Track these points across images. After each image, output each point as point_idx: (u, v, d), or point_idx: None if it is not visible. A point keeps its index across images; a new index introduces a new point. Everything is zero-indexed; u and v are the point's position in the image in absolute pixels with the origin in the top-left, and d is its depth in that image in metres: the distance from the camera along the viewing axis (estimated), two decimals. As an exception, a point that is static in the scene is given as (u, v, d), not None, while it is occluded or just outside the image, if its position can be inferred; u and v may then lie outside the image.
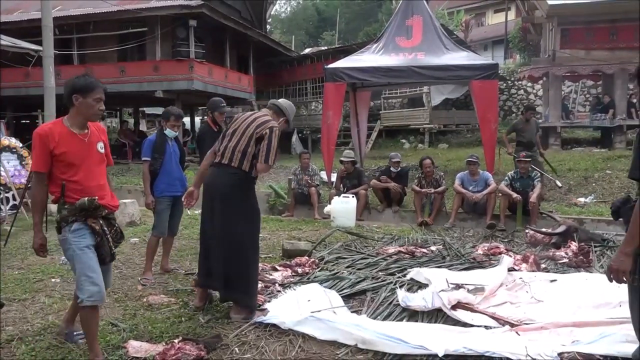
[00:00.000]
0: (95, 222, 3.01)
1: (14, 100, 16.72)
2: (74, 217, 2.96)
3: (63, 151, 2.91)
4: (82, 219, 2.97)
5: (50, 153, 2.90)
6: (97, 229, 3.00)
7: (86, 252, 2.96)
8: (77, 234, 2.97)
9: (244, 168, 3.76)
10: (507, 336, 3.41)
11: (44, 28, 9.42)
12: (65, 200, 2.97)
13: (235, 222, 3.76)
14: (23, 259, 5.60)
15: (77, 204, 2.94)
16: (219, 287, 3.86)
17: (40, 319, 3.78)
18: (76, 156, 2.96)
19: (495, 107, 9.02)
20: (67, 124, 3.00)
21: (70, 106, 3.02)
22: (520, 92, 19.08)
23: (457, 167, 10.69)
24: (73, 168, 2.96)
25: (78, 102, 2.99)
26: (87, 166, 3.00)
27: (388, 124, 18.29)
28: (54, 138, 2.91)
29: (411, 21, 9.81)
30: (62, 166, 2.94)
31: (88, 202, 2.94)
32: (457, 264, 5.31)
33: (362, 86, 10.88)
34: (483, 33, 32.25)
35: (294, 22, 45.66)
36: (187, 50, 15.43)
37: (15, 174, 8.62)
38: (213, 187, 3.85)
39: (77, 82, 3.04)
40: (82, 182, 2.98)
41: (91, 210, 2.97)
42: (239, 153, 3.75)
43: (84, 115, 3.03)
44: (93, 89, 3.03)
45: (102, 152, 3.12)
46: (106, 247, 3.05)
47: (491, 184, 7.61)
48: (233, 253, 3.77)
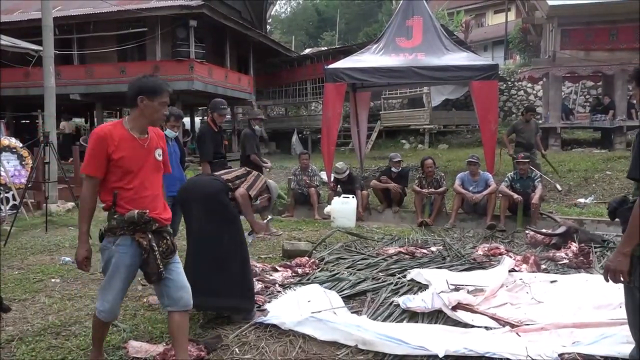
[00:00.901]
0: (144, 237, 2.71)
1: (13, 100, 16.73)
2: (122, 230, 2.70)
3: (121, 156, 2.68)
4: (130, 233, 2.71)
5: (107, 157, 2.67)
6: (145, 245, 2.71)
7: (121, 272, 2.74)
8: (122, 250, 2.72)
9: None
10: (507, 337, 3.40)
11: (44, 28, 9.42)
12: (116, 210, 2.71)
13: (211, 227, 3.68)
14: (23, 259, 5.59)
15: (127, 216, 2.68)
16: (211, 303, 3.66)
17: (40, 319, 3.78)
18: (134, 162, 2.72)
19: (495, 108, 9.01)
20: (127, 127, 2.76)
21: (132, 107, 2.79)
22: (520, 92, 19.09)
23: (457, 168, 10.69)
24: (129, 175, 2.72)
25: (143, 104, 2.76)
26: (143, 174, 2.76)
27: (388, 124, 18.30)
28: (114, 141, 2.68)
29: (411, 22, 9.81)
30: (118, 172, 2.71)
31: (138, 215, 2.68)
32: (457, 264, 5.31)
33: (362, 86, 10.87)
34: (483, 34, 32.26)
35: (294, 23, 45.70)
36: (187, 51, 15.44)
37: (15, 174, 8.62)
38: (195, 195, 3.80)
39: (145, 83, 2.81)
40: (137, 191, 2.73)
41: (141, 225, 2.70)
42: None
43: (148, 119, 2.81)
44: (161, 91, 2.81)
45: (160, 160, 2.87)
46: (153, 264, 2.73)
47: (491, 185, 7.61)
48: (217, 261, 3.66)
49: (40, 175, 8.32)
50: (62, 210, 8.86)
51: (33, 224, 7.75)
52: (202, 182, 3.99)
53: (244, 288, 3.75)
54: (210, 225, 3.68)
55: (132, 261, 2.74)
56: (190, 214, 3.80)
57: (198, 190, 3.83)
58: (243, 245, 3.86)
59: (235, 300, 3.70)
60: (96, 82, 16.14)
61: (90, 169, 2.69)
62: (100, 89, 16.22)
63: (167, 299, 2.84)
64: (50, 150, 7.67)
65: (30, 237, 6.84)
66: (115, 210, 2.71)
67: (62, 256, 5.63)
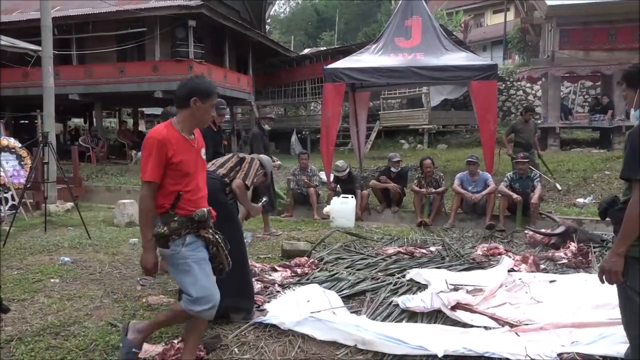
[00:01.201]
0: (208, 233, 2.79)
1: (12, 101, 16.71)
2: (187, 229, 2.71)
3: (180, 159, 2.67)
4: (195, 231, 2.75)
5: (166, 161, 2.65)
6: (212, 239, 2.79)
7: (204, 266, 2.76)
8: (193, 247, 2.74)
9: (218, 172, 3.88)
10: (506, 337, 3.41)
11: (43, 28, 9.41)
12: (176, 212, 2.71)
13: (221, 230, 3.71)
14: (22, 259, 5.58)
15: (197, 215, 2.72)
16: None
17: (39, 319, 3.77)
18: (190, 165, 2.73)
19: (494, 108, 9.02)
20: (177, 128, 2.74)
21: (183, 108, 2.76)
22: (519, 92, 19.11)
23: (456, 168, 10.70)
24: (187, 177, 2.73)
25: (196, 105, 2.73)
26: (197, 175, 2.79)
27: (387, 124, 18.30)
28: (172, 145, 2.66)
29: (410, 22, 9.82)
30: (177, 176, 2.70)
31: (208, 213, 2.76)
32: (456, 264, 5.32)
33: (361, 86, 10.87)
34: (482, 34, 32.27)
35: (293, 23, 45.69)
36: (186, 51, 15.43)
37: (14, 174, 8.62)
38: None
39: (198, 84, 2.77)
40: (194, 193, 2.76)
41: (204, 221, 2.76)
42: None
43: (198, 121, 2.80)
44: (212, 94, 2.80)
45: (205, 159, 2.92)
46: (222, 256, 2.84)
47: (490, 185, 7.62)
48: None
49: (39, 175, 8.32)
50: (61, 210, 8.86)
51: (32, 224, 7.74)
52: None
53: (243, 287, 3.75)
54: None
55: (206, 255, 2.78)
56: None
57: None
58: (241, 245, 3.86)
59: (235, 299, 3.69)
60: (95, 82, 16.13)
61: (153, 176, 2.65)
62: (99, 89, 16.21)
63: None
64: (49, 150, 7.67)
65: (29, 237, 6.83)
66: (175, 212, 2.70)
67: (61, 256, 5.63)
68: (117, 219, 7.86)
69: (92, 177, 13.26)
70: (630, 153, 2.23)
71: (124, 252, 6.01)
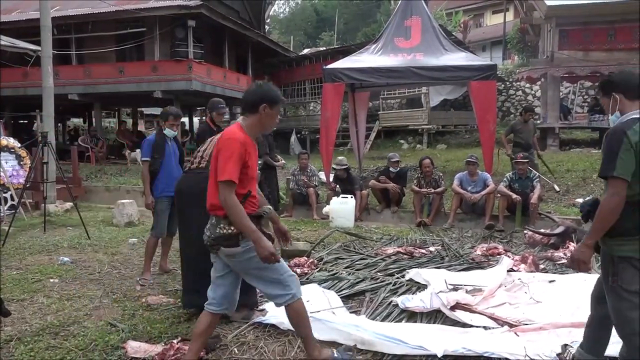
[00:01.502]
0: (267, 229, 2.94)
1: (12, 100, 16.71)
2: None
3: (250, 163, 2.77)
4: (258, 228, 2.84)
5: (243, 163, 2.72)
6: (272, 235, 2.94)
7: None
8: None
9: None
10: (506, 337, 3.41)
11: (42, 28, 9.41)
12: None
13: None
14: (21, 259, 5.59)
15: (266, 212, 2.89)
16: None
17: (38, 319, 3.78)
18: (254, 169, 2.85)
19: (494, 108, 9.02)
20: (246, 132, 2.81)
21: (251, 114, 2.82)
22: (519, 93, 19.11)
23: (456, 168, 10.70)
24: (252, 181, 2.84)
25: (265, 112, 2.80)
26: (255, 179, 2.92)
27: (387, 124, 18.30)
28: (248, 147, 2.75)
29: (410, 22, 9.82)
30: (245, 179, 2.77)
31: (270, 211, 2.93)
32: (456, 264, 5.32)
33: (361, 87, 10.87)
34: (481, 34, 32.29)
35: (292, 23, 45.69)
36: (185, 51, 15.42)
37: (13, 174, 8.61)
38: (189, 193, 3.75)
39: (267, 92, 2.84)
40: (255, 194, 2.89)
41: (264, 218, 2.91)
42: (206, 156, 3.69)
43: (264, 126, 2.89)
44: (280, 101, 2.89)
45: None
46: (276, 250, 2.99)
47: (490, 185, 7.62)
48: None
49: (39, 175, 8.32)
50: (61, 210, 8.86)
51: (31, 224, 7.74)
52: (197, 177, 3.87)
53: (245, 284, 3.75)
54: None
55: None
56: (185, 212, 3.79)
57: (194, 185, 3.70)
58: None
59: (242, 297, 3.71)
60: (94, 82, 16.12)
61: (233, 175, 2.67)
62: (98, 89, 16.20)
63: (224, 299, 2.95)
64: (48, 150, 7.67)
65: (29, 237, 6.83)
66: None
67: (60, 256, 5.63)
68: (116, 219, 7.86)
69: (91, 177, 13.25)
70: (606, 153, 2.41)
71: (123, 252, 6.01)
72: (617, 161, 2.34)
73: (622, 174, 2.33)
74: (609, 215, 2.38)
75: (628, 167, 2.33)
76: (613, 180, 2.36)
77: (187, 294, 3.85)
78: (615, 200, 2.36)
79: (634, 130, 2.35)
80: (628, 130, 2.35)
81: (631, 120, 2.41)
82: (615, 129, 2.42)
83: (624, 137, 2.35)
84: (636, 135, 2.34)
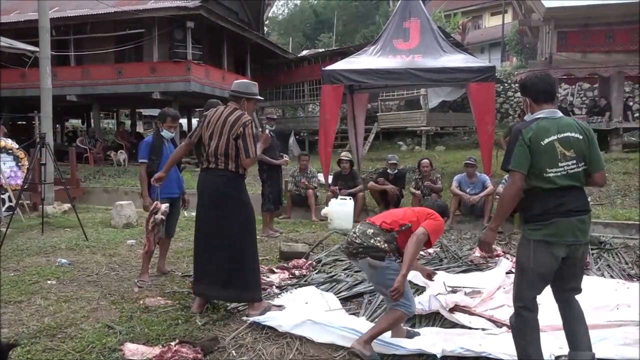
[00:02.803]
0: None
1: (10, 101, 16.68)
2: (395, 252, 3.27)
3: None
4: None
5: None
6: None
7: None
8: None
9: (230, 169, 3.87)
10: (504, 338, 3.40)
11: (40, 29, 9.40)
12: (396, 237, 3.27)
13: (229, 222, 3.85)
14: (19, 261, 5.57)
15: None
16: (217, 291, 3.93)
17: (36, 321, 3.76)
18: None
19: (492, 110, 9.02)
20: None
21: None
22: (517, 94, 19.11)
23: (454, 169, 10.70)
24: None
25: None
26: None
27: (385, 126, 18.29)
28: None
29: (408, 23, 9.82)
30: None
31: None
32: (454, 266, 5.31)
33: (360, 88, 10.87)
34: (480, 36, 32.32)
35: (291, 24, 45.65)
36: (184, 52, 15.41)
37: (11, 175, 8.59)
38: (205, 191, 3.96)
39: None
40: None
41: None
42: (221, 156, 3.85)
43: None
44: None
45: None
46: None
47: (489, 186, 7.61)
48: (229, 253, 3.85)
49: (37, 176, 8.29)
50: (59, 211, 8.83)
51: (29, 225, 7.72)
52: (213, 175, 3.97)
53: (246, 279, 3.89)
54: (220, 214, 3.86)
55: None
56: (202, 206, 3.97)
57: (210, 181, 3.94)
58: (252, 234, 4.01)
59: (247, 291, 3.87)
60: (93, 83, 16.10)
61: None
62: (97, 90, 16.18)
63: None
64: (46, 151, 7.65)
65: (26, 238, 6.81)
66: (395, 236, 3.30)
67: (58, 258, 5.61)
68: (114, 220, 7.84)
69: (89, 178, 13.24)
70: (507, 149, 2.82)
71: (121, 253, 5.99)
72: (512, 156, 2.71)
73: (516, 167, 2.69)
74: (509, 202, 2.76)
75: (521, 162, 2.68)
76: (511, 173, 2.73)
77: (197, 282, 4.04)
78: (513, 189, 2.72)
79: (529, 129, 2.69)
80: (523, 130, 2.70)
81: (532, 120, 2.75)
82: (515, 128, 2.82)
83: (520, 135, 2.70)
84: (529, 133, 2.68)
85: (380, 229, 3.26)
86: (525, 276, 2.76)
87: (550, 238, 2.66)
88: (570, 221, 2.66)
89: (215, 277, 3.86)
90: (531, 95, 2.81)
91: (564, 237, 2.67)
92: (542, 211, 2.67)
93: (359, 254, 3.22)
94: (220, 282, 3.86)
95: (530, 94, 2.81)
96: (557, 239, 2.66)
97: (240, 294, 3.89)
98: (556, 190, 2.66)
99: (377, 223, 3.30)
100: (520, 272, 2.80)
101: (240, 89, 4.03)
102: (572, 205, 2.68)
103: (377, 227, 3.27)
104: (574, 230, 2.67)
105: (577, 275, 2.90)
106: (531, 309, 2.78)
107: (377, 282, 3.31)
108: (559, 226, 2.65)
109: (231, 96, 4.06)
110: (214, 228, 3.88)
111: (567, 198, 2.67)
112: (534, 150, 2.66)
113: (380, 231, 3.24)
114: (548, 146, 2.66)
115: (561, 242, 2.67)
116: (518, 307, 2.80)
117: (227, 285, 3.85)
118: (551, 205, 2.66)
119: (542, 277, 2.74)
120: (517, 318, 2.81)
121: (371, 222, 3.37)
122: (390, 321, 3.25)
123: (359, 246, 3.22)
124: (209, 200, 3.91)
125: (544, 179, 2.67)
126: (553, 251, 2.67)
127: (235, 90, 4.04)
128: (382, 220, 3.32)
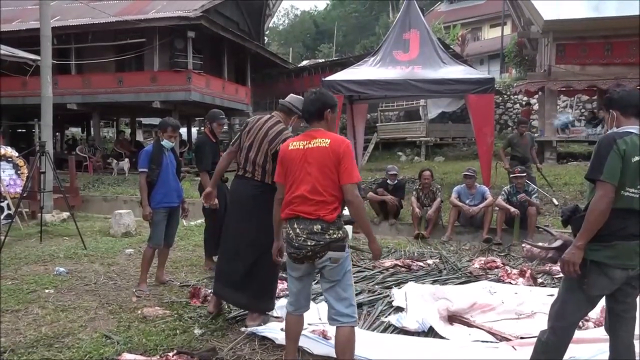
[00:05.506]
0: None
1: (10, 110, 16.71)
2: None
3: None
4: None
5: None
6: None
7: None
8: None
9: (266, 181, 3.82)
10: (503, 350, 3.39)
11: (42, 38, 9.44)
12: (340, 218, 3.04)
13: (256, 233, 3.81)
14: (16, 269, 5.55)
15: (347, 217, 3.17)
16: (230, 293, 3.94)
17: (33, 331, 3.74)
18: None
19: (492, 121, 9.07)
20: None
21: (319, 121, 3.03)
22: (516, 106, 19.19)
23: (454, 180, 10.70)
24: None
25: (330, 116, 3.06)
26: None
27: (385, 136, 18.34)
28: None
29: (408, 35, 9.89)
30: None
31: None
32: (453, 277, 5.30)
33: (359, 99, 10.92)
34: (479, 47, 32.51)
35: (291, 35, 45.95)
36: (184, 62, 15.49)
37: (10, 183, 8.58)
38: (238, 199, 3.97)
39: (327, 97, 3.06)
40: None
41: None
42: (258, 167, 3.83)
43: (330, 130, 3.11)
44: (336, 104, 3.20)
45: None
46: None
47: (488, 198, 7.62)
48: (251, 259, 3.85)
49: (36, 184, 8.29)
50: (57, 220, 8.81)
51: (27, 233, 7.70)
52: (247, 184, 3.95)
53: (271, 288, 3.98)
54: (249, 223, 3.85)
55: None
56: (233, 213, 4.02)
57: (244, 192, 3.93)
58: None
59: (261, 301, 3.89)
60: (93, 92, 16.16)
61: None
62: (97, 99, 16.24)
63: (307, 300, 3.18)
64: (46, 159, 7.64)
65: (25, 247, 6.79)
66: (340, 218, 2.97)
67: (56, 267, 5.59)
68: (113, 229, 7.82)
69: (89, 186, 13.23)
70: (595, 157, 2.53)
71: (119, 262, 5.97)
72: (605, 165, 2.45)
73: (608, 178, 2.44)
74: (598, 216, 2.45)
75: (614, 173, 2.44)
76: (601, 183, 2.46)
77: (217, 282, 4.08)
78: (604, 202, 2.44)
79: (624, 140, 2.47)
80: (618, 139, 2.47)
81: (624, 132, 2.53)
82: (607, 135, 2.56)
83: (614, 143, 2.47)
84: (624, 145, 2.46)
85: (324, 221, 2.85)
86: (574, 296, 2.62)
87: (609, 261, 2.50)
88: (630, 245, 2.49)
89: (232, 279, 3.88)
90: (619, 109, 2.65)
91: (624, 261, 2.50)
92: (607, 232, 2.48)
93: (318, 253, 2.85)
94: (235, 286, 3.86)
95: (617, 107, 2.67)
96: (616, 261, 2.50)
97: (252, 302, 3.87)
98: (623, 212, 2.49)
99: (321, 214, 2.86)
100: (571, 292, 2.64)
101: (298, 105, 3.82)
102: (634, 229, 2.50)
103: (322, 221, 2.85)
104: (632, 255, 2.50)
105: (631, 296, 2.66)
106: (569, 332, 2.66)
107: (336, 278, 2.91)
108: (618, 249, 2.49)
109: (282, 107, 3.95)
110: (242, 234, 3.88)
111: (630, 221, 2.51)
112: (624, 165, 2.46)
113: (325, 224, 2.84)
114: (636, 164, 2.47)
115: (621, 265, 2.50)
116: (557, 326, 2.65)
117: (241, 289, 3.84)
118: (617, 227, 2.48)
119: (590, 300, 2.61)
120: (550, 336, 2.66)
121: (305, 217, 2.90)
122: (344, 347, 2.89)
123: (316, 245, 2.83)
124: (240, 209, 3.91)
125: (620, 196, 2.47)
126: (609, 274, 2.52)
127: (293, 105, 3.90)
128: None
